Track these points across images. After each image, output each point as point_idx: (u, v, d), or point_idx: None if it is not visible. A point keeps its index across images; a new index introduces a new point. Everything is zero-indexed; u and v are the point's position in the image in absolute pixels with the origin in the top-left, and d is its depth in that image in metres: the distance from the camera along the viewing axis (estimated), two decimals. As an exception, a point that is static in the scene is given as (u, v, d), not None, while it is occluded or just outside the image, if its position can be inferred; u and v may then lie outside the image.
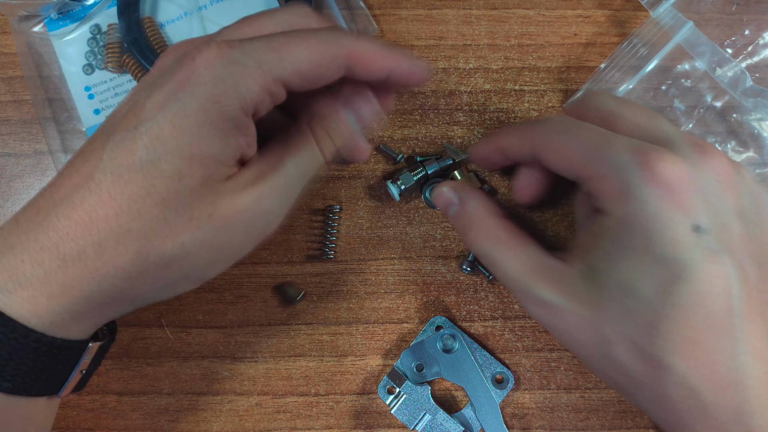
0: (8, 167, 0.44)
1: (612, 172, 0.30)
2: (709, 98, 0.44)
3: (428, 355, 0.41)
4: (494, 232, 0.35)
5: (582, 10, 0.46)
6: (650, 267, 0.28)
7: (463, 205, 0.37)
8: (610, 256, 0.30)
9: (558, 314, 0.31)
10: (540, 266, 0.33)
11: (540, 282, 0.32)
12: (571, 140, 0.32)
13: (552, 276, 0.32)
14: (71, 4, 0.45)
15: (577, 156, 0.32)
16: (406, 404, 0.40)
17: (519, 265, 0.33)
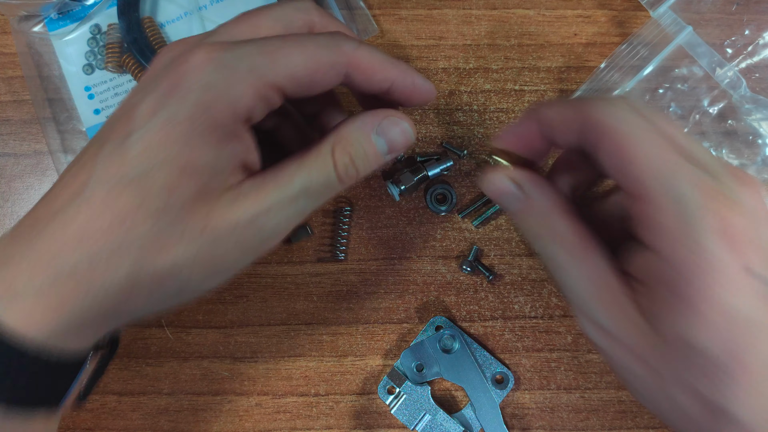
0: (8, 167, 0.44)
1: (676, 208, 0.26)
2: (706, 102, 0.44)
3: (428, 355, 0.40)
4: (566, 236, 0.30)
5: (582, 10, 0.46)
6: (715, 323, 0.25)
7: (529, 199, 0.31)
8: (671, 307, 0.26)
9: (616, 344, 0.28)
10: (606, 286, 0.29)
11: (603, 305, 0.28)
12: (647, 145, 0.26)
13: (616, 301, 0.28)
14: (71, 4, 0.45)
15: (642, 168, 0.26)
16: (406, 404, 0.40)
17: (585, 280, 0.29)
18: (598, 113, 0.28)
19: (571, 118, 0.29)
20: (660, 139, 0.27)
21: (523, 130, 0.32)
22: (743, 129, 0.44)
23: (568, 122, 0.29)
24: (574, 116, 0.29)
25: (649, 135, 0.27)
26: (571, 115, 0.29)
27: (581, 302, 0.29)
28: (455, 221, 0.43)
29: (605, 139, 0.27)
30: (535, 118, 0.31)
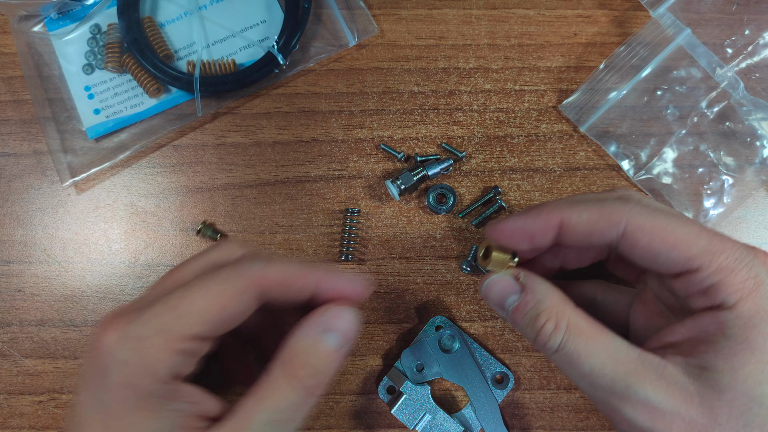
0: (8, 167, 0.44)
1: (741, 266, 0.27)
2: (704, 104, 0.44)
3: (428, 355, 0.40)
4: (573, 321, 0.29)
5: (582, 10, 0.46)
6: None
7: (527, 293, 0.31)
8: (734, 357, 0.26)
9: (664, 418, 0.27)
10: (636, 361, 0.28)
11: (641, 379, 0.27)
12: (684, 227, 0.28)
13: (653, 373, 0.27)
14: (71, 4, 0.45)
15: (696, 246, 0.28)
16: (406, 404, 0.40)
17: (611, 359, 0.28)
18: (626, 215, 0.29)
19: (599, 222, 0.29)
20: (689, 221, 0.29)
21: (534, 228, 0.31)
22: (741, 131, 0.44)
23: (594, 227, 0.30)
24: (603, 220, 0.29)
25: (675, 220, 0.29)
26: (599, 219, 0.29)
27: (617, 384, 0.27)
28: (455, 221, 0.43)
29: (648, 237, 0.28)
30: (553, 219, 0.30)
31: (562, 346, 0.29)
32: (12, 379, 0.42)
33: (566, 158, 0.44)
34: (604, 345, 0.28)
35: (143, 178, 0.44)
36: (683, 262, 0.28)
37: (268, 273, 0.28)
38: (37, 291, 0.43)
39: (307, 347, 0.28)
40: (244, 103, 0.45)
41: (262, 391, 0.28)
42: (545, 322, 0.29)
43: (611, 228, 0.29)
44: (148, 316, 0.27)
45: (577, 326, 0.29)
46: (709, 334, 0.28)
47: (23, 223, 0.44)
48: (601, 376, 0.28)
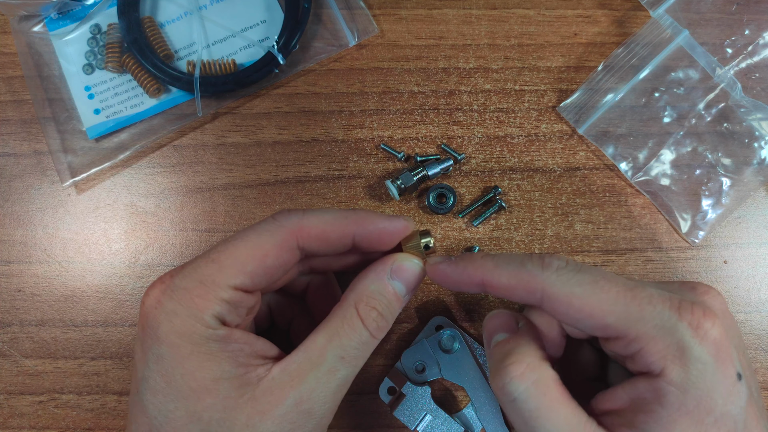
0: (8, 167, 0.44)
1: (662, 333, 0.27)
2: (702, 105, 0.44)
3: (429, 356, 0.40)
4: (543, 379, 0.28)
5: (582, 10, 0.46)
6: (712, 428, 0.26)
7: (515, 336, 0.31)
8: (671, 423, 0.26)
9: None
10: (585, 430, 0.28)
11: None
12: (599, 295, 0.28)
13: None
14: (71, 4, 0.45)
15: (612, 314, 0.27)
16: (407, 405, 0.40)
17: (565, 427, 0.27)
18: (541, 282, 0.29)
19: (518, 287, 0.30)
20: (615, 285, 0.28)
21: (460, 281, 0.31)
22: (740, 131, 0.44)
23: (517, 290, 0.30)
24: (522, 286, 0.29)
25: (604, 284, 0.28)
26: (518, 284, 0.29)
27: None
28: (455, 221, 0.43)
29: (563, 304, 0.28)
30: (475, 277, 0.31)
31: (522, 397, 0.28)
32: (12, 379, 0.42)
33: (566, 158, 0.44)
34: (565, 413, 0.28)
35: (143, 178, 0.44)
36: (601, 329, 0.28)
37: (306, 223, 0.29)
38: (37, 291, 0.43)
39: (377, 291, 0.30)
40: (244, 103, 0.45)
41: (336, 328, 0.29)
42: (514, 364, 0.28)
43: (529, 294, 0.29)
44: (190, 270, 0.28)
45: (546, 386, 0.28)
46: (646, 401, 0.27)
47: (23, 223, 0.44)
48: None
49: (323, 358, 0.28)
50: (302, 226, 0.29)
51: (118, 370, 0.42)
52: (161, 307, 0.28)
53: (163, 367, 0.27)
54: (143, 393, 0.28)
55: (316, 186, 0.44)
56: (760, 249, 0.44)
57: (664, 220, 0.44)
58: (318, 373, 0.28)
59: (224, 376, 0.27)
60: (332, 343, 0.29)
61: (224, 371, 0.27)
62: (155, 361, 0.27)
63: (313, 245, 0.30)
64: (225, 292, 0.28)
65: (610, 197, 0.44)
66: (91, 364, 0.42)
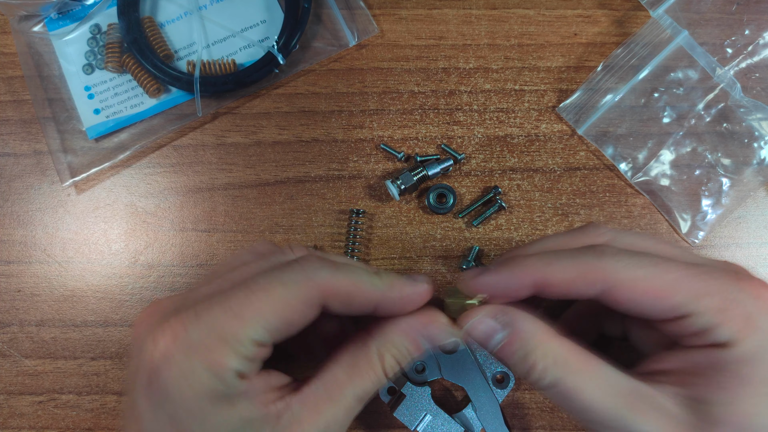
0: (8, 167, 0.44)
1: (733, 306, 0.27)
2: (701, 106, 0.44)
3: (429, 356, 0.40)
4: (563, 355, 0.28)
5: (582, 10, 0.46)
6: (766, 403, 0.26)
7: (514, 331, 0.29)
8: (729, 391, 0.27)
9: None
10: (630, 392, 0.27)
11: (637, 412, 0.27)
12: (666, 276, 0.27)
13: (648, 405, 0.27)
14: (71, 4, 0.45)
15: (682, 293, 0.27)
16: (407, 405, 0.40)
17: (604, 392, 0.27)
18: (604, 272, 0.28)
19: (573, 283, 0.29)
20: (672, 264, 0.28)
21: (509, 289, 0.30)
22: (739, 132, 0.44)
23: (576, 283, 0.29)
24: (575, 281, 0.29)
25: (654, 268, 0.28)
26: (572, 280, 0.29)
27: (611, 416, 0.27)
28: (455, 221, 0.43)
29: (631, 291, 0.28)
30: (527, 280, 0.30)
31: (553, 384, 0.28)
32: (12, 379, 0.42)
33: (566, 158, 0.44)
34: (597, 378, 0.28)
35: (143, 178, 0.44)
36: (670, 310, 0.28)
37: (337, 282, 0.28)
38: (37, 291, 0.43)
39: (403, 345, 0.30)
40: (244, 103, 0.45)
41: (357, 369, 0.29)
42: (535, 362, 0.28)
43: (589, 286, 0.28)
44: (208, 321, 0.26)
45: (567, 361, 0.28)
46: (702, 367, 0.27)
47: (23, 223, 0.44)
48: (597, 411, 0.27)
49: (342, 395, 0.28)
50: (331, 284, 0.28)
51: (118, 370, 0.42)
52: (175, 364, 0.25)
53: (179, 427, 0.26)
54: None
55: (316, 186, 0.44)
56: (760, 249, 0.44)
57: (663, 221, 0.44)
58: (336, 410, 0.28)
59: (246, 425, 0.26)
60: (353, 383, 0.28)
61: (245, 419, 0.26)
62: (168, 421, 0.26)
63: (337, 305, 0.29)
64: (247, 348, 0.26)
65: (610, 197, 0.44)
66: (91, 364, 0.42)
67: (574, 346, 0.29)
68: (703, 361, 0.27)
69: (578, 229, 0.32)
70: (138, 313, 0.39)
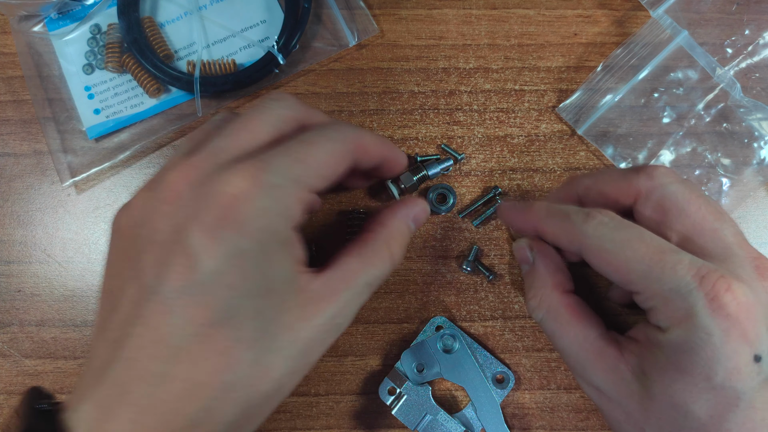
0: (8, 167, 0.44)
1: (675, 296, 0.29)
2: (701, 106, 0.44)
3: (428, 356, 0.40)
4: (554, 305, 0.35)
5: (582, 10, 0.46)
6: (706, 393, 0.28)
7: (533, 267, 0.37)
8: (665, 373, 0.30)
9: (608, 402, 0.32)
10: (596, 349, 0.33)
11: (594, 367, 0.32)
12: (627, 252, 0.31)
13: (607, 363, 0.32)
14: (71, 4, 0.45)
15: (634, 272, 0.31)
16: (407, 405, 0.40)
17: (574, 344, 0.34)
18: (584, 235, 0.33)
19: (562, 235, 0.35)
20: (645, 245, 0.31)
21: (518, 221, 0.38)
22: (739, 132, 0.44)
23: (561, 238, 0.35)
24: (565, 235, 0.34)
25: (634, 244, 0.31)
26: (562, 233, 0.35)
27: (577, 366, 0.34)
28: (455, 221, 0.43)
29: (596, 257, 0.32)
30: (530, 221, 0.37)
31: (540, 320, 0.36)
32: (12, 379, 0.42)
33: (566, 158, 0.44)
34: (574, 332, 0.34)
35: (143, 178, 0.44)
36: (624, 284, 0.32)
37: (364, 140, 0.32)
38: (37, 291, 0.43)
39: (401, 230, 0.34)
40: (244, 103, 0.45)
41: (369, 257, 0.31)
42: (532, 297, 0.36)
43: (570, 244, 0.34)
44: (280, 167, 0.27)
45: (556, 311, 0.35)
46: (652, 345, 0.31)
47: (23, 223, 0.44)
48: (567, 356, 0.34)
49: (356, 281, 0.30)
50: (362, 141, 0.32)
51: (118, 370, 0.42)
52: (253, 202, 0.26)
53: (242, 262, 0.26)
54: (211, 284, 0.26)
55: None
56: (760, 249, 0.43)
57: (664, 220, 0.44)
58: (350, 294, 0.30)
59: (287, 279, 0.28)
60: (365, 269, 0.31)
61: (288, 275, 0.28)
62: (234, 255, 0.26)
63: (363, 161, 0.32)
64: (309, 194, 0.29)
65: (610, 197, 0.44)
66: (91, 364, 0.42)
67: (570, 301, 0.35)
68: (653, 338, 0.31)
69: (634, 169, 0.35)
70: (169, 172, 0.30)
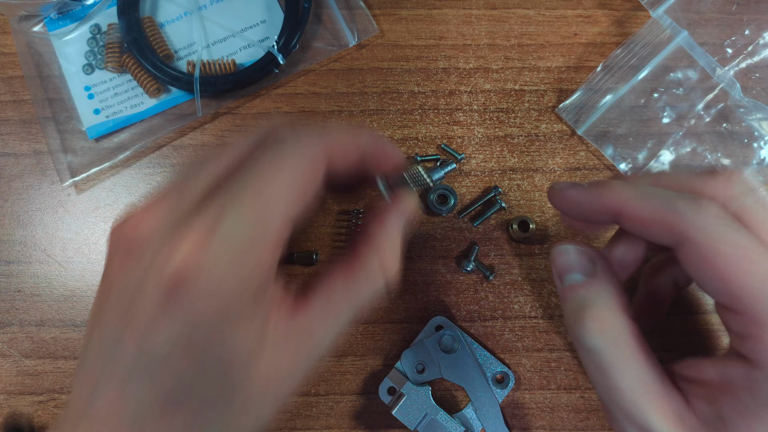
0: (8, 167, 0.44)
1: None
2: (701, 106, 0.44)
3: (429, 356, 0.40)
4: (620, 333, 0.28)
5: (582, 10, 0.46)
6: None
7: (592, 281, 0.29)
8: (753, 416, 0.25)
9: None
10: (659, 391, 0.27)
11: (656, 409, 0.26)
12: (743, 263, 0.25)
13: (671, 409, 0.27)
14: (71, 4, 0.45)
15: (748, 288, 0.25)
16: (406, 405, 0.40)
17: (635, 380, 0.27)
18: (688, 224, 0.26)
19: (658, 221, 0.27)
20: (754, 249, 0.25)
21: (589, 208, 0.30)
22: (739, 132, 0.44)
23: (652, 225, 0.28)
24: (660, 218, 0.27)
25: (748, 253, 0.25)
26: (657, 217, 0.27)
27: (630, 404, 0.27)
28: (455, 221, 0.43)
29: (699, 256, 0.26)
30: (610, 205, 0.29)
31: (593, 350, 0.28)
32: (12, 379, 0.42)
33: (566, 158, 0.44)
34: (640, 368, 0.27)
35: (143, 178, 0.44)
36: (727, 298, 0.26)
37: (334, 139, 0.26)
38: (37, 291, 0.43)
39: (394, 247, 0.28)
40: (244, 103, 0.45)
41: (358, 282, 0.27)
42: (590, 320, 0.28)
43: (668, 235, 0.27)
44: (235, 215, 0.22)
45: (622, 341, 0.27)
46: (734, 385, 0.26)
47: (23, 223, 0.44)
48: (623, 396, 0.27)
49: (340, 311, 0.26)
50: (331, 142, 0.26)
51: (118, 370, 0.42)
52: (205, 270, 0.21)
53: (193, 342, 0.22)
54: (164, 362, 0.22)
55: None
56: (759, 249, 0.44)
57: (664, 220, 0.44)
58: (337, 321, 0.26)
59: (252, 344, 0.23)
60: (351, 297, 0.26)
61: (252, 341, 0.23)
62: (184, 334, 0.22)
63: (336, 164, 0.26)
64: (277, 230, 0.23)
65: (610, 197, 0.44)
66: (91, 364, 0.42)
67: (634, 329, 0.28)
68: (737, 376, 0.26)
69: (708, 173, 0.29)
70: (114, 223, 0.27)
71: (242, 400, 0.24)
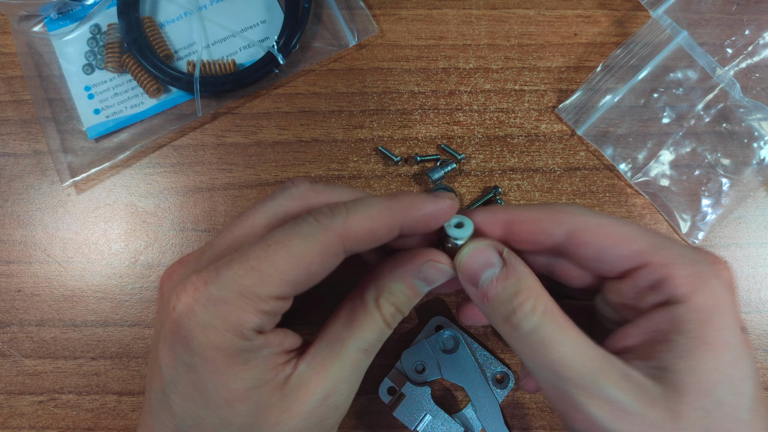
0: (8, 167, 0.44)
1: (688, 262, 0.27)
2: (701, 106, 0.44)
3: (429, 356, 0.40)
4: (551, 306, 0.28)
5: (582, 10, 0.46)
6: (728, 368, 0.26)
7: (511, 267, 0.29)
8: (690, 353, 0.26)
9: (629, 418, 0.26)
10: (603, 359, 0.27)
11: (609, 378, 0.26)
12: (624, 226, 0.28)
13: (619, 373, 0.26)
14: (71, 4, 0.45)
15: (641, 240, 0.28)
16: (406, 405, 0.40)
17: (581, 353, 0.27)
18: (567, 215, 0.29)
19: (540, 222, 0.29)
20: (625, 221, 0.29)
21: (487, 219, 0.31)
22: (739, 132, 0.44)
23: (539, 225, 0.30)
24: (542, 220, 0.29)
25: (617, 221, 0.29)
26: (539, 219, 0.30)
27: (584, 379, 0.26)
28: (455, 221, 0.43)
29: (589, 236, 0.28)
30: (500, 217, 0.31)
31: (534, 328, 0.27)
32: (12, 379, 0.42)
33: (566, 158, 0.44)
34: (575, 337, 0.27)
35: (143, 178, 0.44)
36: (629, 257, 0.28)
37: (354, 225, 0.27)
38: (37, 291, 0.43)
39: (399, 289, 0.29)
40: (244, 103, 0.45)
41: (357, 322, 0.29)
42: (524, 300, 0.27)
43: (555, 226, 0.29)
44: (228, 277, 0.26)
45: (553, 312, 0.27)
46: (663, 332, 0.27)
47: (23, 223, 0.44)
48: (570, 368, 0.26)
49: (346, 350, 0.28)
50: (348, 228, 0.27)
51: (118, 370, 0.42)
52: (195, 318, 0.26)
53: (195, 377, 0.26)
54: (171, 396, 0.27)
55: (316, 186, 0.44)
56: (760, 249, 0.44)
57: (663, 221, 0.44)
58: (342, 365, 0.28)
59: (258, 383, 0.27)
60: (354, 336, 0.29)
61: (258, 379, 0.27)
62: (186, 370, 0.26)
63: (360, 246, 0.28)
64: (266, 304, 0.26)
65: (610, 198, 0.44)
66: (91, 364, 0.42)
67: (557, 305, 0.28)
68: (663, 323, 0.27)
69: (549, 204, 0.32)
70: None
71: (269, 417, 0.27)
